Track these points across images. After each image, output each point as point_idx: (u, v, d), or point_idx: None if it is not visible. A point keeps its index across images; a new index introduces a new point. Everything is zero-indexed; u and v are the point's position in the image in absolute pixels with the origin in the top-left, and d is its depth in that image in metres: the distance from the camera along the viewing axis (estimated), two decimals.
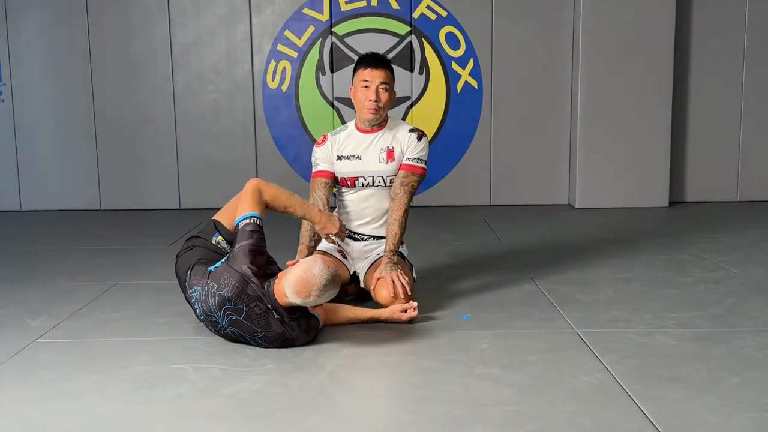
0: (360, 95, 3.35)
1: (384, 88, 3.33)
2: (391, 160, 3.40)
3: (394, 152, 3.40)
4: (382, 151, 3.41)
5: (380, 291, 3.20)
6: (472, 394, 2.42)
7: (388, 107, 3.41)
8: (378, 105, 3.32)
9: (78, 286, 3.85)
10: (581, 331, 3.02)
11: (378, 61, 3.37)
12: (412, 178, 3.39)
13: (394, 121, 3.51)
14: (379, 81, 3.32)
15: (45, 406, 2.38)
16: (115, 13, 6.17)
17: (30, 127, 6.29)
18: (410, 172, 3.39)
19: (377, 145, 3.42)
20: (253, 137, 6.31)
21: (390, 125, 3.46)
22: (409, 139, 3.41)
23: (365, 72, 3.34)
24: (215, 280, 2.82)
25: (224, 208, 3.19)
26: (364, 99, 3.33)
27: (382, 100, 3.33)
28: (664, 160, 6.10)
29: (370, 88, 3.32)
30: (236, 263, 2.80)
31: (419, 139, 3.41)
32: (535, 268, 4.09)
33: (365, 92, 3.33)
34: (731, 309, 3.32)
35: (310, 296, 2.72)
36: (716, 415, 2.24)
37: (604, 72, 6.00)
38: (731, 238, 4.86)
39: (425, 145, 3.43)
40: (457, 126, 6.29)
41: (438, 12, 6.17)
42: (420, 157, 3.41)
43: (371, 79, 3.32)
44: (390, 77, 3.36)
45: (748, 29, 6.20)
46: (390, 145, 3.41)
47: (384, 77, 3.33)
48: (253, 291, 2.76)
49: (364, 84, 3.33)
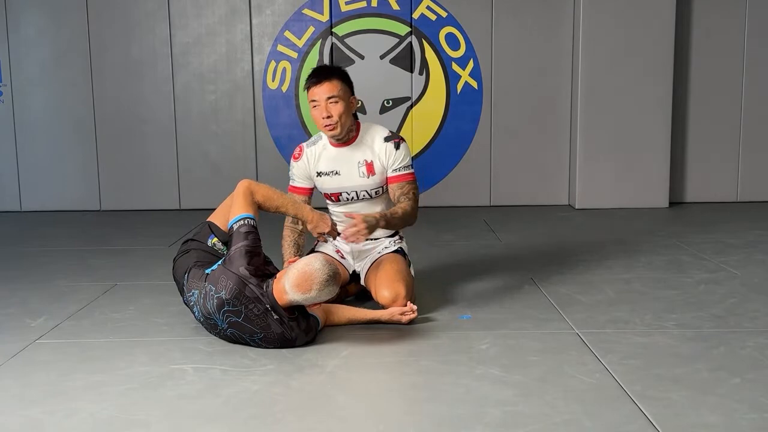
0: (314, 115, 3.21)
1: (334, 101, 3.14)
2: (372, 174, 3.29)
3: (373, 165, 3.28)
4: (361, 165, 3.29)
5: (381, 292, 3.20)
6: (472, 394, 2.42)
7: (349, 117, 3.23)
8: (332, 121, 3.16)
9: (78, 286, 3.85)
10: (581, 332, 3.02)
11: (321, 75, 3.18)
12: (408, 186, 3.31)
13: (367, 128, 3.35)
14: (326, 96, 3.14)
15: (45, 406, 2.38)
16: (115, 13, 6.17)
17: (30, 127, 6.29)
18: (403, 182, 3.30)
19: (354, 159, 3.29)
20: (253, 137, 6.31)
21: (363, 135, 3.32)
22: (386, 150, 3.27)
23: (311, 91, 3.18)
24: (213, 283, 2.81)
25: (218, 210, 3.18)
26: (318, 118, 3.19)
27: (335, 115, 3.15)
28: (664, 160, 6.10)
29: (319, 106, 3.16)
30: (233, 265, 2.80)
31: (397, 148, 3.28)
32: (535, 269, 4.09)
33: (316, 112, 3.18)
34: (731, 310, 3.32)
35: (311, 291, 2.71)
36: (716, 415, 2.24)
37: (604, 72, 6.00)
38: (731, 238, 4.86)
39: (405, 151, 3.31)
40: (457, 126, 6.29)
41: (438, 12, 6.17)
42: (405, 165, 3.30)
43: (318, 96, 3.15)
44: (339, 87, 3.16)
45: (748, 29, 6.20)
46: (368, 158, 3.28)
47: (330, 90, 3.14)
48: (252, 292, 2.75)
49: (314, 104, 3.18)
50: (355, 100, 3.26)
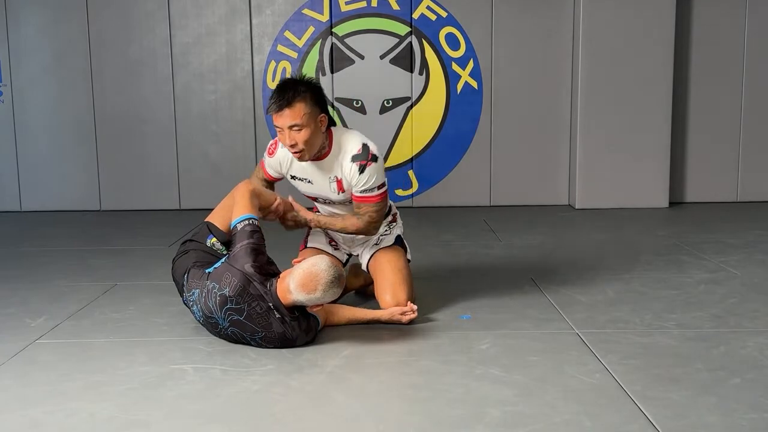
0: (279, 139, 3.07)
1: (297, 129, 2.93)
2: (342, 191, 3.14)
3: (342, 183, 3.12)
4: (332, 181, 3.14)
5: (383, 296, 3.22)
6: (472, 394, 2.42)
7: (317, 138, 3.00)
8: (297, 149, 2.97)
9: (78, 286, 3.85)
10: (581, 332, 3.02)
11: (282, 100, 2.92)
12: (366, 208, 3.12)
13: (341, 139, 3.11)
14: (288, 125, 2.93)
15: (45, 406, 2.38)
16: (115, 13, 6.17)
17: (30, 127, 6.29)
18: (361, 203, 3.12)
19: (325, 175, 3.14)
20: (253, 137, 6.31)
21: (336, 148, 3.09)
22: (350, 171, 3.06)
23: (274, 118, 2.96)
24: (215, 281, 2.82)
25: (216, 210, 3.18)
26: (284, 143, 3.01)
27: (300, 143, 2.95)
28: (664, 160, 6.10)
29: (282, 132, 2.97)
30: (238, 262, 2.81)
31: (361, 171, 3.04)
32: (535, 269, 4.09)
33: (281, 137, 3.01)
34: (731, 309, 3.32)
35: (316, 291, 2.72)
36: (716, 415, 2.24)
37: (604, 72, 6.00)
38: (731, 238, 4.86)
39: (369, 174, 3.05)
40: (457, 126, 6.29)
41: (438, 12, 6.17)
42: (367, 188, 3.08)
43: (281, 125, 2.95)
44: (302, 112, 2.91)
45: (748, 29, 6.19)
46: (338, 175, 3.10)
47: (291, 119, 2.92)
48: (255, 290, 2.76)
49: (278, 129, 2.98)
50: (326, 118, 3.02)
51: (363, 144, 3.09)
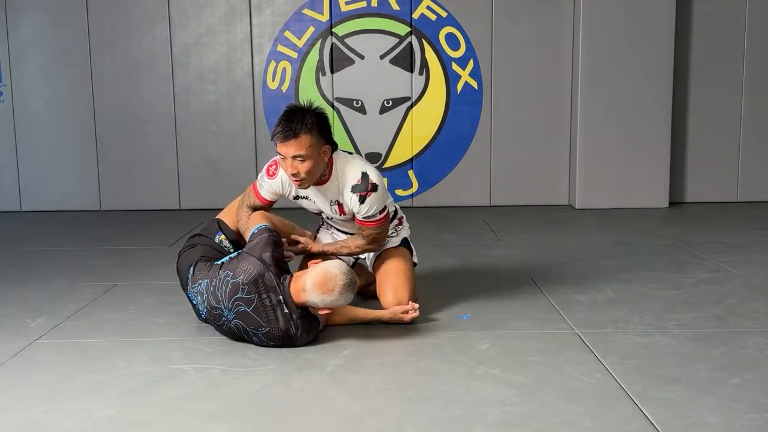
0: (282, 166, 3.05)
1: (300, 159, 2.92)
2: (343, 214, 3.18)
3: (344, 208, 3.15)
4: (333, 204, 3.16)
5: (385, 296, 3.22)
6: (472, 394, 2.42)
7: (319, 168, 3.00)
8: (299, 178, 2.98)
9: (78, 286, 3.85)
10: (581, 332, 3.02)
11: (288, 131, 2.91)
12: (369, 231, 3.16)
13: (341, 166, 3.09)
14: (292, 155, 2.92)
15: (45, 406, 2.38)
16: (115, 13, 6.17)
17: (30, 128, 6.29)
18: (364, 227, 3.16)
19: (326, 198, 3.16)
20: (253, 137, 6.31)
21: (336, 176, 3.09)
22: (351, 201, 3.07)
23: (278, 145, 2.96)
24: (231, 270, 2.84)
25: (227, 209, 3.21)
26: (285, 171, 3.02)
27: (302, 172, 2.95)
28: (664, 160, 6.10)
29: (286, 161, 2.97)
30: (255, 251, 2.86)
31: (362, 202, 3.04)
32: (535, 269, 4.09)
33: (283, 165, 3.01)
34: (731, 309, 3.32)
35: (332, 292, 2.75)
36: (716, 415, 2.24)
37: (604, 72, 6.00)
38: (731, 238, 4.86)
39: (371, 204, 3.06)
40: (457, 126, 6.29)
41: (438, 12, 6.17)
42: (369, 215, 3.09)
43: (285, 153, 2.95)
44: (307, 144, 2.91)
45: (748, 29, 6.19)
46: (339, 199, 3.13)
47: (296, 149, 2.91)
48: (270, 280, 2.79)
49: (281, 157, 2.99)
50: (329, 148, 3.02)
51: (363, 173, 3.07)
